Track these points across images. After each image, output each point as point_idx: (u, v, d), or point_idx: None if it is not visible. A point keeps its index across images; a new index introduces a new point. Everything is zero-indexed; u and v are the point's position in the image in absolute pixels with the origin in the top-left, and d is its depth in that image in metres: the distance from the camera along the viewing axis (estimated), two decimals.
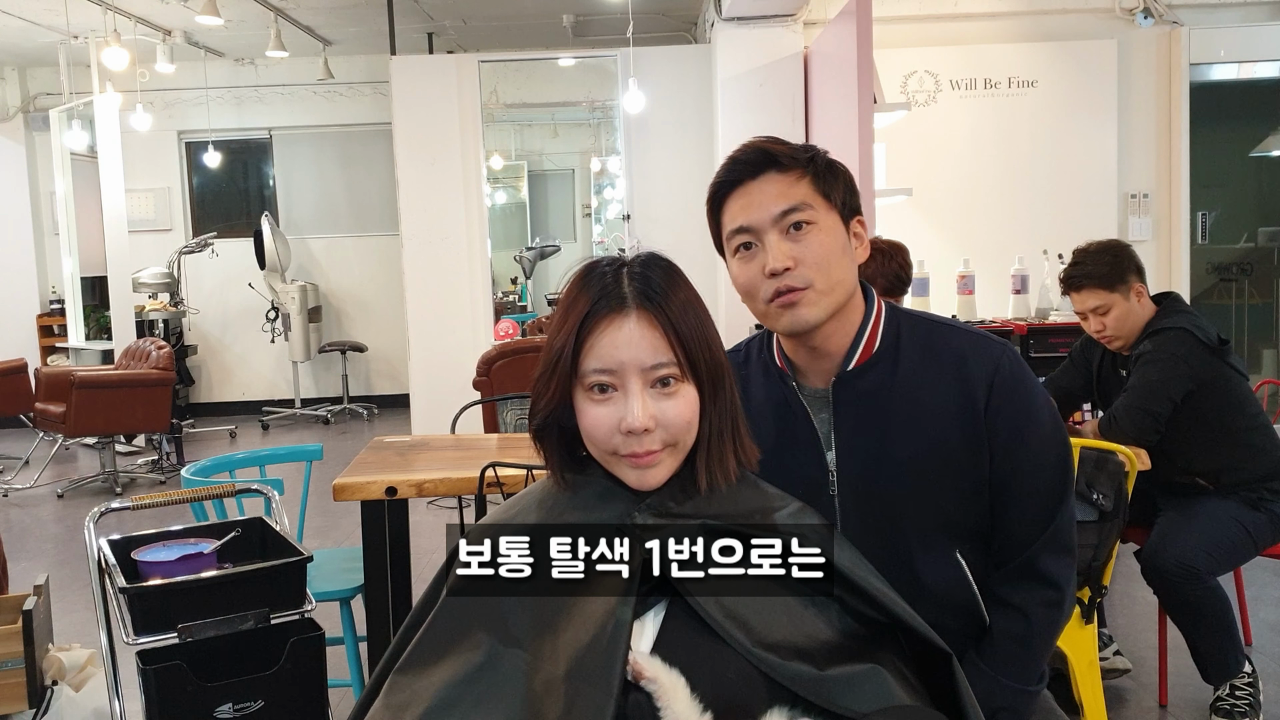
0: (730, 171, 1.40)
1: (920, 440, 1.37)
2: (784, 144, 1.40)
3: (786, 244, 1.36)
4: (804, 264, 1.36)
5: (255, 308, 8.36)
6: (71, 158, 7.53)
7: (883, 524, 1.39)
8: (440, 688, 1.06)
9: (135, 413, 5.91)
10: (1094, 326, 2.79)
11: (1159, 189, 5.58)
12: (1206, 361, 2.67)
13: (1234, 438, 2.69)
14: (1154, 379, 2.65)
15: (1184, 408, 2.66)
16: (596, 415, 1.15)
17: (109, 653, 2.09)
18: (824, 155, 1.41)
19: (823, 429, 1.42)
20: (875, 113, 4.41)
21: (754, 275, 1.38)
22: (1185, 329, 2.67)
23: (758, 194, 1.37)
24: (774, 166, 1.38)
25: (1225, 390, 2.69)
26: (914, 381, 1.40)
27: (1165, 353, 2.66)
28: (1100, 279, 2.73)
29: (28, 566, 4.45)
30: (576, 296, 1.17)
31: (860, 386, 1.41)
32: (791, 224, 1.36)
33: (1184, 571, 2.54)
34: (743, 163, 1.39)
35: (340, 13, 7.00)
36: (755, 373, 1.50)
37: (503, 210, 9.12)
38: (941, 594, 1.39)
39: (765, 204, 1.37)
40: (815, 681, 1.05)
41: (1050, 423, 1.42)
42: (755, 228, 1.37)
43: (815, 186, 1.38)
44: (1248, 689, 2.60)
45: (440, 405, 5.40)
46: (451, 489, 2.44)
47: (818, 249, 1.36)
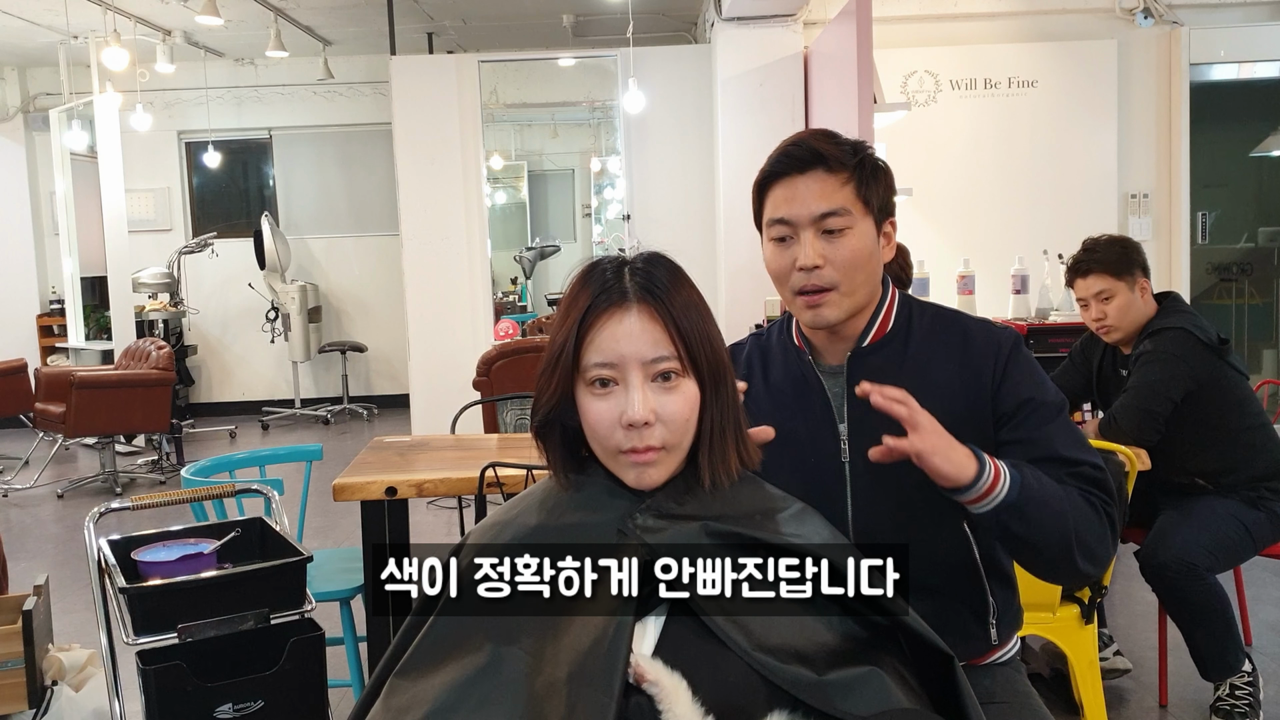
0: (779, 163, 1.46)
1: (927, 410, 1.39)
2: (836, 144, 1.45)
3: (820, 243, 1.43)
4: (833, 265, 1.43)
5: (255, 308, 8.36)
6: (71, 158, 7.52)
7: (891, 492, 1.44)
8: (441, 690, 1.06)
9: (135, 413, 5.91)
10: (1094, 314, 2.79)
11: (1159, 189, 5.57)
12: (1207, 361, 2.67)
13: (1234, 437, 2.69)
14: (1154, 379, 2.66)
15: (1184, 408, 2.67)
16: (598, 410, 1.15)
17: (109, 653, 2.08)
18: (871, 157, 1.47)
19: (836, 401, 1.50)
20: (875, 113, 4.41)
21: (786, 265, 1.46)
22: (1185, 329, 2.67)
23: (803, 190, 1.44)
24: (822, 165, 1.44)
25: (1225, 390, 2.70)
26: (923, 359, 1.48)
27: (1165, 353, 2.66)
28: (1108, 265, 2.75)
29: (28, 567, 4.45)
30: (578, 293, 1.17)
31: (873, 362, 1.48)
32: (828, 228, 1.43)
33: (1183, 568, 2.54)
34: (793, 157, 1.45)
35: (340, 13, 7.00)
36: (776, 352, 1.58)
37: (503, 210, 9.12)
38: (945, 562, 1.46)
39: (807, 202, 1.43)
40: (814, 685, 1.05)
41: (1054, 395, 1.47)
42: (794, 222, 1.44)
43: (857, 191, 1.44)
44: (1247, 688, 2.60)
45: (440, 405, 5.40)
46: (451, 489, 2.44)
47: (848, 253, 1.44)
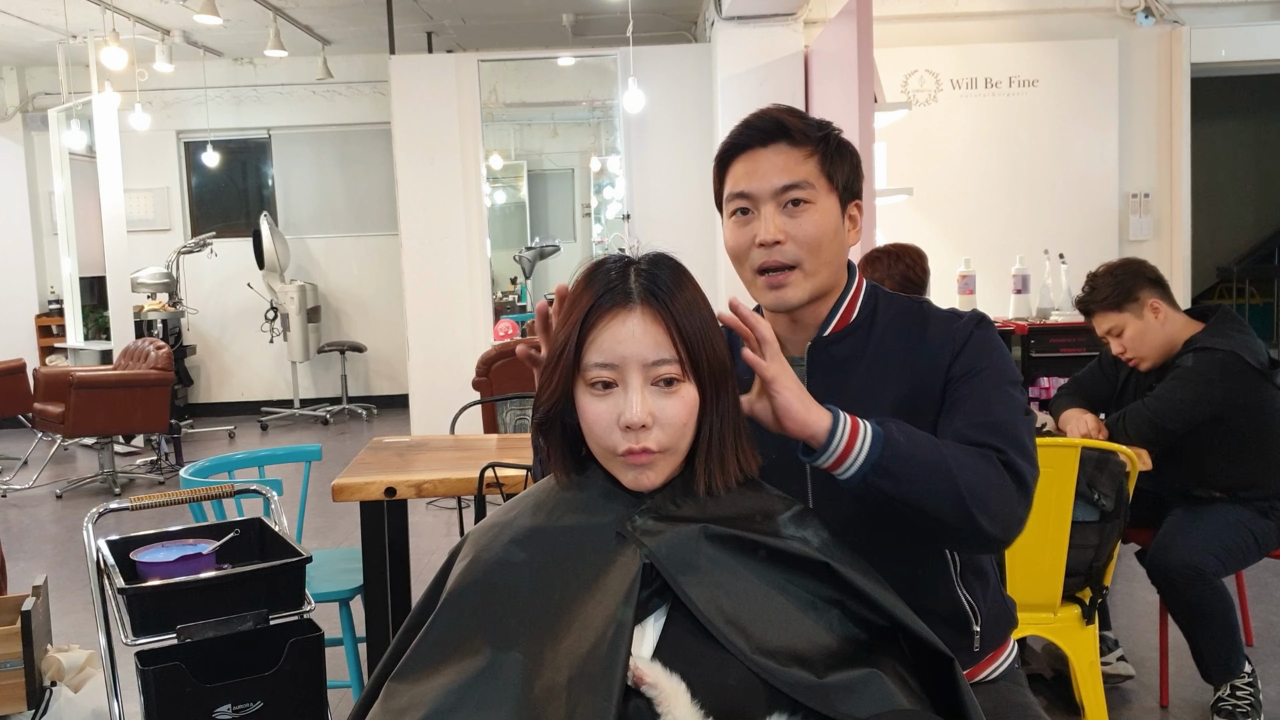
0: (741, 135, 1.43)
1: (889, 408, 1.37)
2: (800, 117, 1.41)
3: (782, 218, 1.38)
4: (795, 241, 1.38)
5: (254, 308, 8.36)
6: (70, 158, 7.52)
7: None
8: (440, 693, 1.05)
9: (134, 413, 5.91)
10: (1115, 349, 2.76)
11: (1159, 188, 5.57)
12: (1252, 384, 2.61)
13: (1266, 458, 2.67)
14: (1179, 396, 2.61)
15: (1222, 425, 2.62)
16: (597, 410, 1.14)
17: (108, 653, 2.08)
18: (837, 135, 1.43)
19: None
20: (876, 112, 4.41)
21: (745, 241, 1.41)
22: (1236, 353, 2.59)
23: (764, 163, 1.40)
24: (785, 138, 1.39)
25: (1269, 413, 2.65)
26: (884, 351, 1.42)
27: (1203, 375, 2.60)
28: (1106, 301, 2.71)
29: (26, 567, 4.45)
30: (582, 292, 1.17)
31: (834, 352, 1.43)
32: (790, 200, 1.38)
33: (1191, 573, 2.53)
34: (756, 129, 1.41)
35: (339, 12, 7.00)
36: (736, 340, 1.50)
37: (502, 210, 9.11)
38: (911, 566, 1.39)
39: (769, 175, 1.39)
40: (815, 687, 1.04)
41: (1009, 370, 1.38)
42: (754, 195, 1.40)
43: (821, 166, 1.40)
44: (1248, 689, 2.60)
45: (439, 406, 5.40)
46: (451, 489, 2.43)
47: (811, 229, 1.38)
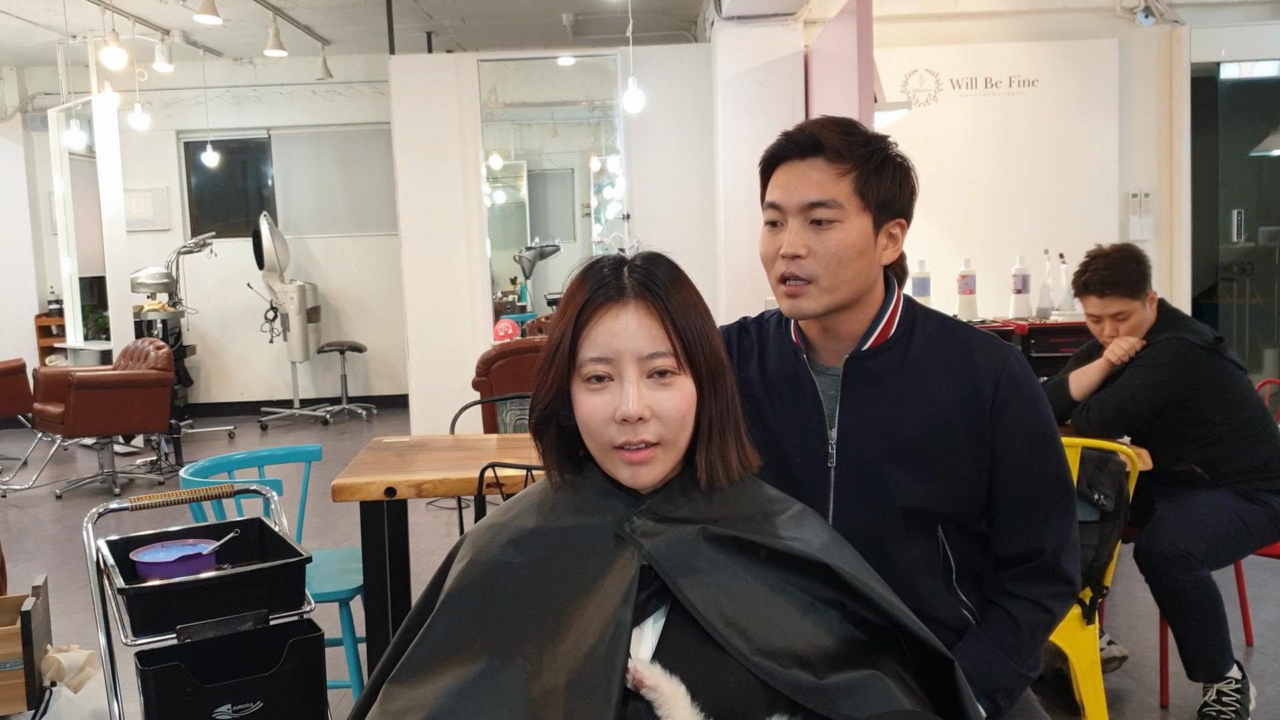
0: (781, 146, 1.43)
1: (922, 424, 1.40)
2: (845, 134, 1.39)
3: (806, 234, 1.39)
4: (816, 257, 1.38)
5: (254, 308, 8.35)
6: (70, 158, 7.51)
7: (874, 500, 1.41)
8: (439, 696, 1.05)
9: (134, 413, 5.90)
10: (1108, 332, 2.78)
11: (1160, 188, 5.57)
12: (1206, 363, 2.68)
13: (1235, 429, 2.71)
14: (1140, 382, 2.69)
15: (1186, 406, 2.69)
16: (592, 405, 1.14)
17: (108, 654, 2.08)
18: (881, 154, 1.40)
19: (828, 405, 1.45)
20: (876, 112, 4.41)
21: (771, 251, 1.43)
22: (1182, 337, 2.68)
23: (797, 176, 1.40)
24: (821, 154, 1.39)
25: (1225, 387, 2.71)
26: (922, 368, 1.42)
27: (1158, 360, 2.69)
28: (1128, 287, 2.72)
29: (26, 567, 4.44)
30: (576, 290, 1.17)
31: (871, 367, 1.44)
32: (815, 218, 1.38)
33: (1178, 557, 2.53)
34: (794, 142, 1.41)
35: (339, 12, 6.99)
36: (772, 342, 1.53)
37: (502, 210, 9.11)
38: (919, 571, 1.42)
39: (799, 189, 1.39)
40: (815, 689, 1.04)
41: (1054, 427, 1.45)
42: (783, 208, 1.41)
43: (855, 185, 1.38)
44: (1235, 695, 2.58)
45: (439, 406, 5.40)
46: (451, 490, 2.43)
47: (833, 247, 1.38)
